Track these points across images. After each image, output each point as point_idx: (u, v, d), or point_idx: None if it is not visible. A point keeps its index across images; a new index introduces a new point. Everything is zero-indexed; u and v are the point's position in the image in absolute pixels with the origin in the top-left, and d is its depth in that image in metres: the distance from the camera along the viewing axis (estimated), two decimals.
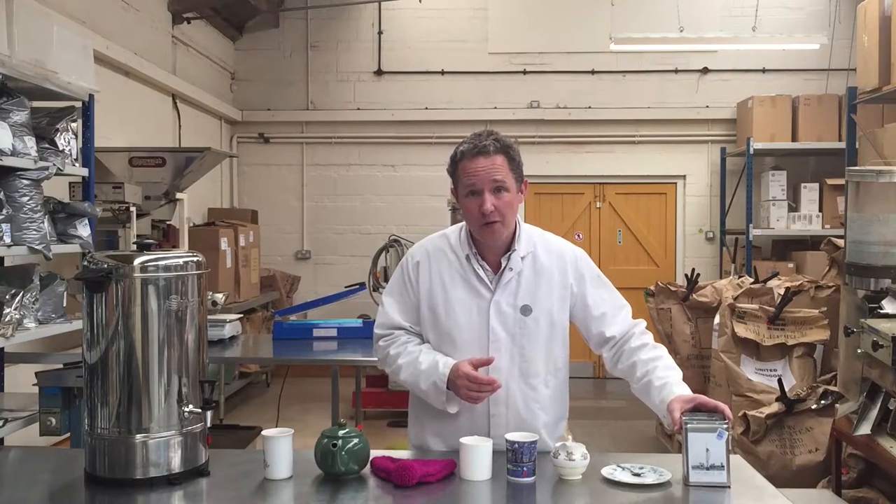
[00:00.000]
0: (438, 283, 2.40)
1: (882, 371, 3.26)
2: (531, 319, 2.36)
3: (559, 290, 2.40)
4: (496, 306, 2.36)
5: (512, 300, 2.37)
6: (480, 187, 2.29)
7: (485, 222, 2.30)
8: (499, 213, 2.29)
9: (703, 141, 8.67)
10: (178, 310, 2.13)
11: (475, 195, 2.30)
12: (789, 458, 4.22)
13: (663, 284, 5.90)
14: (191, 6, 7.38)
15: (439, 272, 2.41)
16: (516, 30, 8.63)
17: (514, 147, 2.36)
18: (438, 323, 2.39)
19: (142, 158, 5.75)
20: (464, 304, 2.37)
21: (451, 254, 2.42)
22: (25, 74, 3.78)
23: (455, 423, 2.36)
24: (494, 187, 2.29)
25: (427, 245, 2.49)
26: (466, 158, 2.32)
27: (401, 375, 2.39)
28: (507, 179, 2.31)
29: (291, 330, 4.95)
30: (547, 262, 2.41)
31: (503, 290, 2.37)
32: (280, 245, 8.77)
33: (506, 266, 2.38)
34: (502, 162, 2.31)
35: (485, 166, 2.29)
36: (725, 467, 2.05)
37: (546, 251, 2.43)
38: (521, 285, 2.38)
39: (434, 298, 2.40)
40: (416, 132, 8.63)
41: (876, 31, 6.00)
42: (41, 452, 2.83)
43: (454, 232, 2.48)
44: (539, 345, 2.37)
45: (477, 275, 2.38)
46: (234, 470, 2.24)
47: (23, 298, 3.60)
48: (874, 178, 3.57)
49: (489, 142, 2.31)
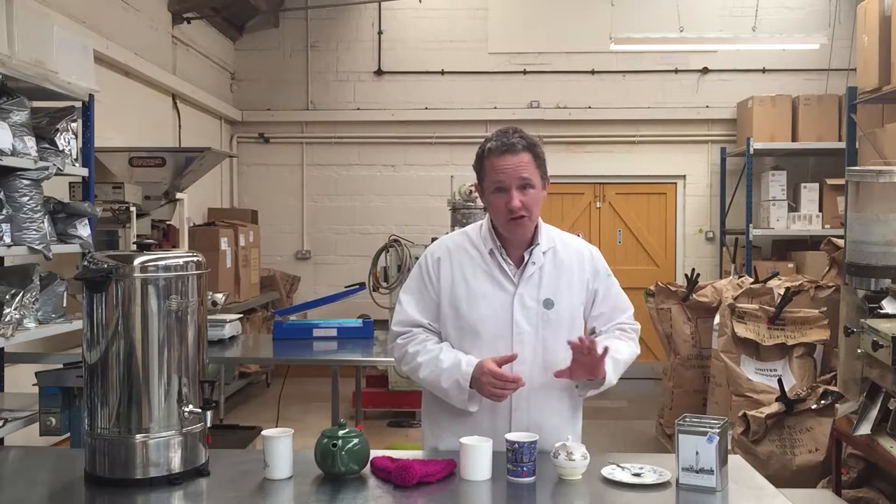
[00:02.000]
0: (461, 278, 2.42)
1: (882, 371, 3.26)
2: (553, 313, 2.40)
3: (578, 284, 2.46)
4: (520, 299, 2.39)
5: (535, 293, 2.40)
6: (508, 184, 2.33)
7: (511, 217, 2.34)
8: (525, 209, 2.34)
9: (703, 141, 8.66)
10: (178, 310, 2.13)
11: (502, 192, 2.34)
12: (789, 458, 4.22)
13: (663, 284, 5.90)
14: (191, 6, 7.38)
15: (461, 267, 2.43)
16: (516, 30, 8.63)
17: (539, 145, 2.40)
18: (461, 317, 2.40)
19: (142, 158, 5.75)
20: (487, 297, 2.39)
21: (472, 249, 2.45)
22: (25, 74, 3.78)
23: (474, 421, 2.37)
24: (521, 184, 2.33)
25: (447, 242, 2.51)
26: (494, 156, 2.34)
27: (420, 373, 2.39)
28: (534, 177, 2.36)
29: (291, 330, 4.95)
30: (566, 257, 2.46)
31: (526, 284, 2.41)
32: (280, 245, 8.77)
33: (528, 260, 2.42)
34: (529, 160, 2.35)
35: (512, 164, 2.33)
36: (715, 471, 2.05)
37: (565, 247, 2.49)
38: (543, 279, 2.42)
39: (457, 293, 2.41)
40: (416, 132, 8.63)
41: (876, 31, 6.01)
42: (41, 452, 2.83)
43: (474, 229, 2.51)
44: (561, 337, 2.39)
45: (501, 268, 2.41)
46: (234, 470, 2.24)
47: (23, 298, 3.60)
48: (874, 178, 3.57)
49: (516, 139, 2.34)
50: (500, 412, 2.37)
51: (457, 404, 2.36)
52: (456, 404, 2.36)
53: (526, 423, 2.33)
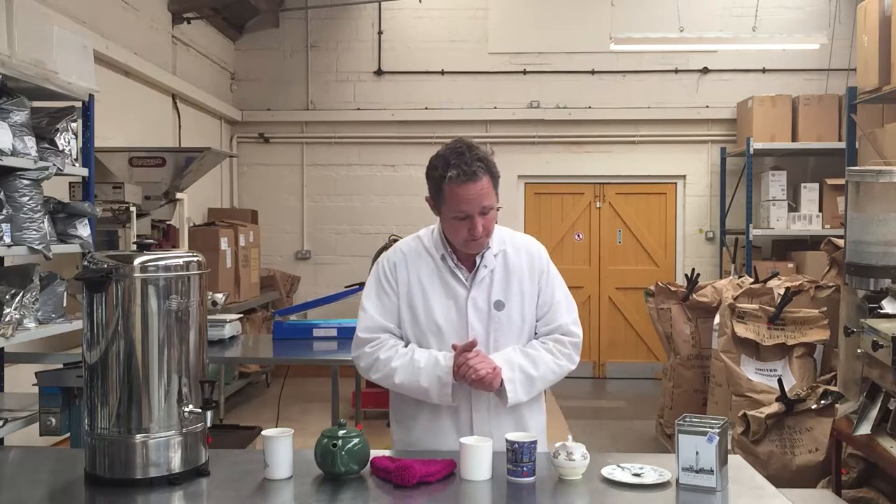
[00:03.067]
0: (417, 282, 2.47)
1: (882, 371, 3.26)
2: (504, 314, 2.45)
3: (528, 285, 2.49)
4: (473, 303, 2.44)
5: (486, 296, 2.45)
6: (471, 213, 2.35)
7: (472, 239, 2.38)
8: (486, 233, 2.39)
9: (703, 141, 8.67)
10: (178, 310, 2.13)
11: (465, 219, 2.36)
12: (789, 458, 4.22)
13: (663, 284, 5.90)
14: (191, 6, 7.38)
15: (417, 272, 2.48)
16: (516, 30, 8.64)
17: (492, 160, 2.41)
18: (418, 322, 2.46)
19: (142, 158, 5.75)
20: (442, 302, 2.45)
21: (426, 254, 2.50)
22: (25, 74, 3.78)
23: (439, 421, 2.43)
24: (483, 211, 2.36)
25: (402, 247, 2.55)
26: (455, 184, 2.33)
27: (395, 378, 2.40)
28: (492, 199, 2.39)
29: (291, 330, 4.95)
30: (516, 259, 2.50)
31: (478, 287, 2.46)
32: (280, 245, 8.78)
33: (480, 264, 2.47)
34: (488, 183, 2.36)
35: (474, 193, 2.33)
36: (715, 471, 2.05)
37: (515, 249, 2.52)
38: (494, 282, 2.46)
39: (413, 298, 2.46)
40: (416, 132, 8.63)
41: (876, 31, 6.01)
42: (41, 452, 2.83)
43: (426, 233, 2.54)
44: (511, 338, 2.45)
45: (453, 273, 2.46)
46: (234, 470, 2.24)
47: (23, 298, 3.60)
48: (874, 178, 3.57)
49: (476, 167, 2.33)
50: (461, 410, 2.42)
51: (434, 401, 2.39)
52: (437, 401, 2.39)
53: (486, 420, 2.41)
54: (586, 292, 8.72)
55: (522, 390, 2.39)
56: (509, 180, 8.73)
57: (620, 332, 8.78)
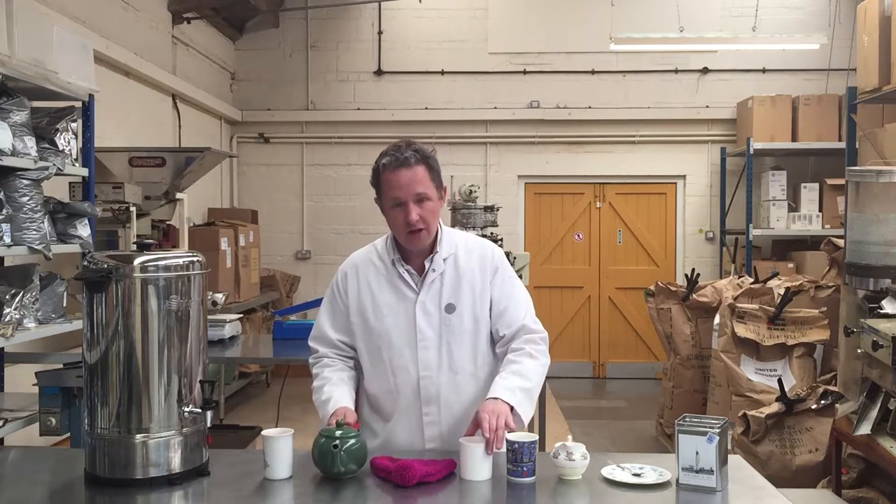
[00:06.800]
0: (366, 289, 2.50)
1: (882, 371, 3.26)
2: (455, 317, 2.46)
3: (480, 287, 2.49)
4: (422, 306, 2.46)
5: (436, 300, 2.46)
6: (405, 199, 2.37)
7: (410, 230, 2.40)
8: (423, 222, 2.39)
9: (703, 141, 8.67)
10: (178, 310, 2.13)
11: (400, 206, 2.39)
12: (789, 458, 4.22)
13: (663, 284, 5.90)
14: (191, 6, 7.38)
15: (367, 279, 2.51)
16: (516, 30, 8.64)
17: (432, 157, 2.45)
18: (369, 327, 2.49)
19: (142, 158, 5.75)
20: (391, 306, 2.47)
21: (378, 261, 2.53)
22: (25, 74, 3.78)
23: (391, 425, 2.47)
24: (417, 198, 2.38)
25: (355, 258, 2.60)
26: (389, 171, 2.38)
27: (313, 394, 2.52)
28: (429, 189, 2.40)
29: (291, 330, 4.94)
30: (467, 262, 2.51)
31: (427, 291, 2.47)
32: (280, 245, 8.78)
33: (429, 268, 2.48)
34: (423, 173, 2.39)
35: (407, 179, 2.37)
36: (715, 471, 2.05)
37: (467, 252, 2.53)
38: (444, 285, 2.47)
39: (363, 305, 2.50)
40: (416, 132, 8.60)
41: (876, 31, 6.01)
42: (41, 452, 2.83)
43: (381, 241, 2.58)
44: (464, 341, 2.46)
45: (402, 278, 2.48)
46: (234, 470, 2.24)
47: (23, 298, 3.60)
48: (874, 178, 3.57)
49: (409, 154, 2.38)
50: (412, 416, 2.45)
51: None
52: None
53: (437, 424, 2.43)
54: (586, 292, 8.72)
55: (528, 406, 2.40)
56: (509, 180, 8.74)
57: (620, 332, 8.78)
